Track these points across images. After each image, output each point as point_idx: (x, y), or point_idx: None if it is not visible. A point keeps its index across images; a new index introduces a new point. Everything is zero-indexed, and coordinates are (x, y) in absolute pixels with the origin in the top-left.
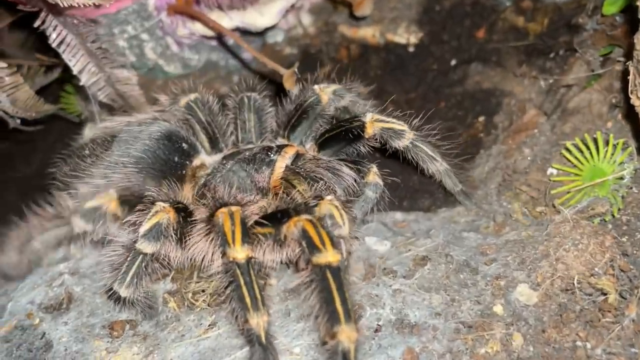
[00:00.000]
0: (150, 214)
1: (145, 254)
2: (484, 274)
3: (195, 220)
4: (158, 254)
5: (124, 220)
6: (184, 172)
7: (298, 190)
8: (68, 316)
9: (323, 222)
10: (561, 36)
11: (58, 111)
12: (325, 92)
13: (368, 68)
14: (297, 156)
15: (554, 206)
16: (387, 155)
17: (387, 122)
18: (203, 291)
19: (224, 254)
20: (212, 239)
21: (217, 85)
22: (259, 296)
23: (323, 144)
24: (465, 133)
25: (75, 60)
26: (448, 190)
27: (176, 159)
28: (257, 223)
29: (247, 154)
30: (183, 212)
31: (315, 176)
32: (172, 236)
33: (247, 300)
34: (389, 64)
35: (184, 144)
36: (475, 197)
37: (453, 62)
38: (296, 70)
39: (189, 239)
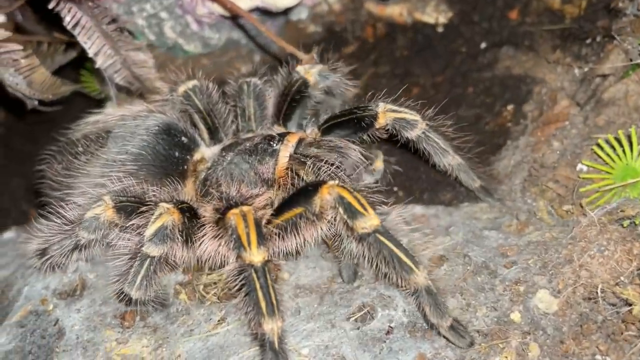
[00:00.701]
0: (154, 216)
1: (153, 257)
2: (502, 277)
3: (201, 219)
4: (166, 255)
5: (127, 225)
6: (185, 167)
7: (304, 179)
8: (81, 303)
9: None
10: (599, 20)
11: (80, 88)
12: (311, 73)
13: (394, 48)
14: (300, 142)
15: (581, 205)
16: (399, 146)
17: (400, 112)
18: (215, 284)
19: (238, 256)
20: (225, 242)
21: (238, 64)
22: (274, 301)
23: (328, 130)
24: (493, 122)
25: (91, 43)
26: (466, 186)
27: (177, 154)
28: (282, 208)
29: (247, 144)
30: (188, 212)
31: (321, 158)
32: (178, 238)
33: (263, 304)
34: (416, 44)
35: (183, 138)
36: (498, 192)
37: (483, 45)
38: (315, 55)
39: (198, 240)
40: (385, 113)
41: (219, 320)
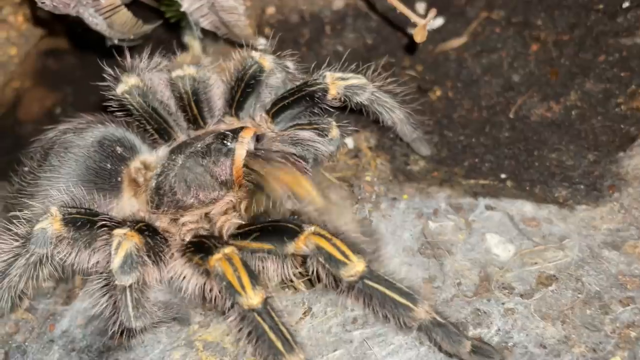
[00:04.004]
0: (114, 247)
1: (130, 286)
2: (615, 316)
3: (165, 237)
4: (142, 279)
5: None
6: (119, 179)
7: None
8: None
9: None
10: None
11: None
12: (266, 59)
13: None
14: (256, 136)
15: None
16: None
17: (348, 78)
18: (301, 274)
19: (234, 303)
20: (200, 274)
21: (321, 2)
22: (288, 335)
23: (277, 112)
24: (625, 104)
25: None
26: (404, 141)
27: (109, 165)
28: (255, 236)
29: (198, 145)
30: (147, 231)
31: (284, 155)
32: (147, 260)
33: (279, 344)
34: None
35: (118, 147)
36: (625, 196)
37: (626, 4)
38: (432, 21)
39: (167, 261)
40: (335, 82)
41: (304, 313)
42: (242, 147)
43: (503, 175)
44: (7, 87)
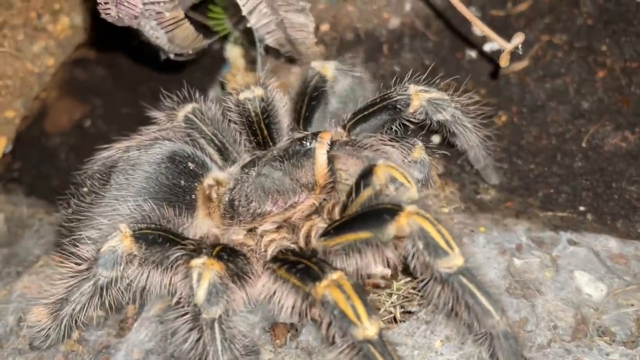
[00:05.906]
0: (194, 279)
1: (219, 317)
2: None
3: (244, 253)
4: (230, 308)
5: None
6: (193, 196)
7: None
8: None
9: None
10: None
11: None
12: (328, 68)
13: (576, 13)
14: (334, 142)
15: None
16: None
17: (431, 91)
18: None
19: (345, 334)
20: (293, 293)
21: (386, 14)
22: None
23: (354, 125)
24: None
25: (246, 0)
26: (475, 167)
27: (182, 182)
28: (349, 228)
29: (274, 152)
30: (226, 254)
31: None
32: (232, 286)
33: None
34: (605, 12)
35: (190, 164)
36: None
37: None
38: (520, 46)
39: (251, 279)
40: (418, 94)
41: None
42: (322, 146)
43: (582, 208)
44: (36, 98)
